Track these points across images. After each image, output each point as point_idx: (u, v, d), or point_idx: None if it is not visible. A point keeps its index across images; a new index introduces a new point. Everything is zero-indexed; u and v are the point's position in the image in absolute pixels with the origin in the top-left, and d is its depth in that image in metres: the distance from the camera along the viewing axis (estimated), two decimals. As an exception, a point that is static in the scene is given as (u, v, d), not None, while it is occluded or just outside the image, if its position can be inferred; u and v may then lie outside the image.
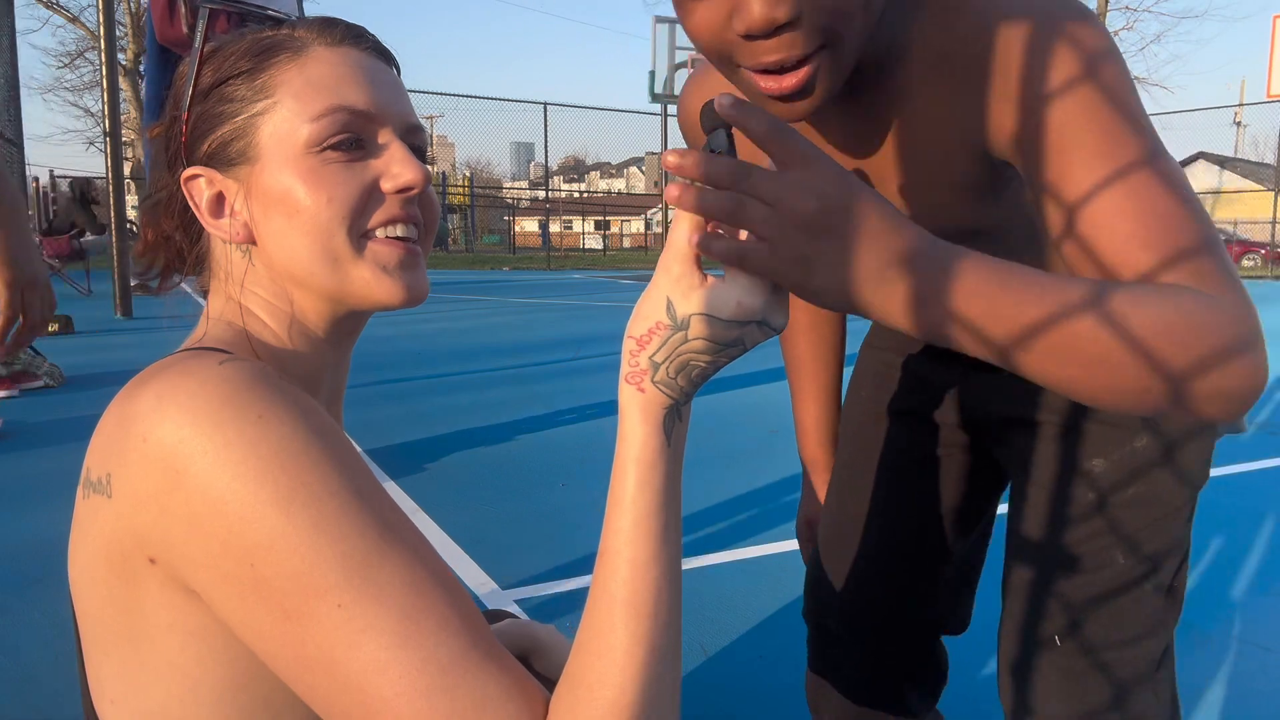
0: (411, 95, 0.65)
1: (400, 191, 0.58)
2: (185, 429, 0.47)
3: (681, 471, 0.52)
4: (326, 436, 0.50)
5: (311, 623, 0.46)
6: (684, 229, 0.49)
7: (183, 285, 0.67)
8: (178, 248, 0.63)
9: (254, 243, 0.59)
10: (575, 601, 1.82)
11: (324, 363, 0.63)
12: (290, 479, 0.47)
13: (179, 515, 0.47)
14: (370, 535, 0.47)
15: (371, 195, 0.58)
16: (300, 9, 2.57)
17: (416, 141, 0.62)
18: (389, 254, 0.58)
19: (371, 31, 0.63)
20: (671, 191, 0.48)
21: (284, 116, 0.57)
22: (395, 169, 0.58)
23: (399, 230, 0.59)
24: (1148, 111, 0.57)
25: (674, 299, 0.48)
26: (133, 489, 0.48)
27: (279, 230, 0.57)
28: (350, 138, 0.57)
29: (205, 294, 0.64)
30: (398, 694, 0.45)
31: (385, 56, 0.63)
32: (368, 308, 0.60)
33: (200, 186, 0.59)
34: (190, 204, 0.59)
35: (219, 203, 0.59)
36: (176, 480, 0.46)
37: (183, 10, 2.18)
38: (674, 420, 0.51)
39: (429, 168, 0.63)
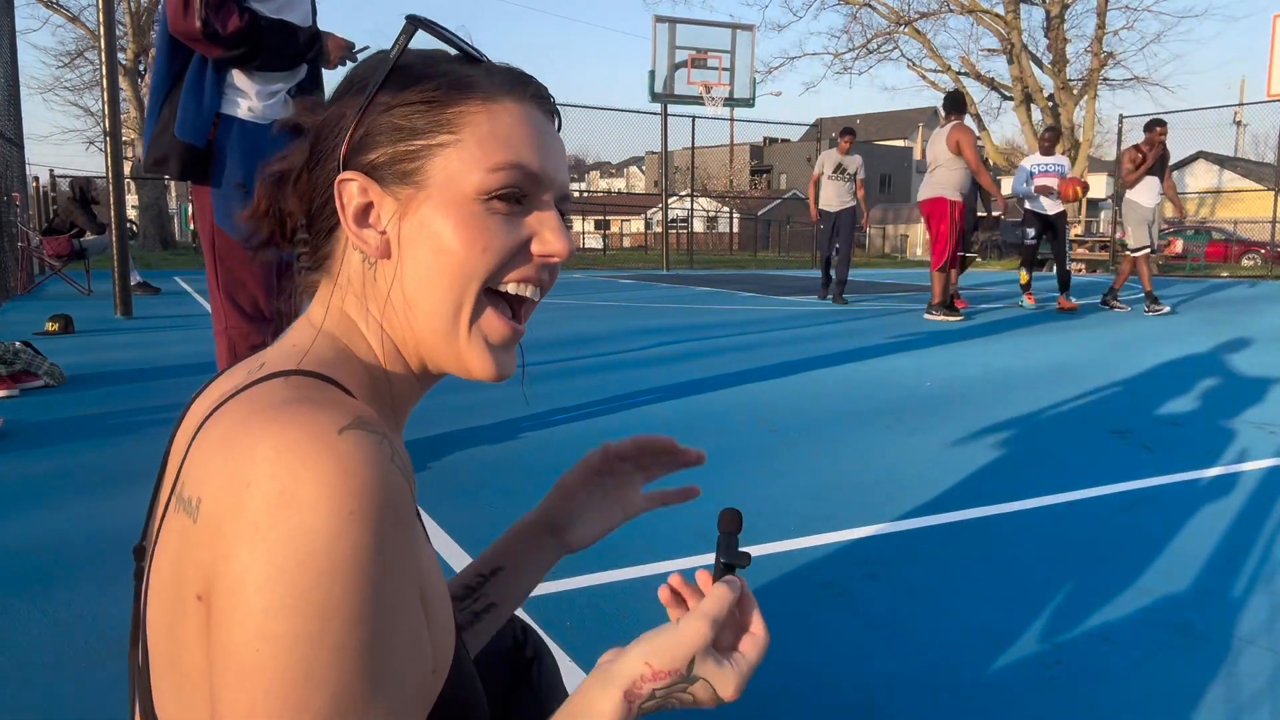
0: None
1: (545, 256, 0.60)
2: (286, 496, 0.46)
3: None
4: (399, 547, 0.49)
5: None
6: (724, 607, 0.60)
7: (183, 284, 0.67)
8: (290, 228, 0.63)
9: (386, 258, 0.59)
10: (575, 601, 1.82)
11: (413, 393, 0.64)
12: (343, 594, 0.46)
13: (235, 568, 0.46)
14: (369, 683, 0.47)
15: (520, 252, 0.60)
16: (314, 13, 2.56)
17: (566, 209, 0.63)
18: (498, 330, 0.60)
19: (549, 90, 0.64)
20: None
21: (462, 157, 0.57)
22: (549, 235, 0.60)
23: (527, 291, 0.61)
24: (1148, 112, 0.57)
25: (698, 660, 0.57)
26: (217, 523, 0.47)
27: (421, 261, 0.58)
28: (517, 196, 0.59)
29: (310, 295, 0.64)
30: None
31: (556, 118, 0.64)
32: (455, 372, 0.61)
33: (352, 191, 0.58)
34: (337, 204, 0.59)
35: (365, 212, 0.59)
36: (252, 538, 0.46)
37: (197, 4, 2.19)
38: None
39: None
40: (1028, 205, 8.76)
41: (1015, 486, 2.69)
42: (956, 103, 7.97)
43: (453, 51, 0.62)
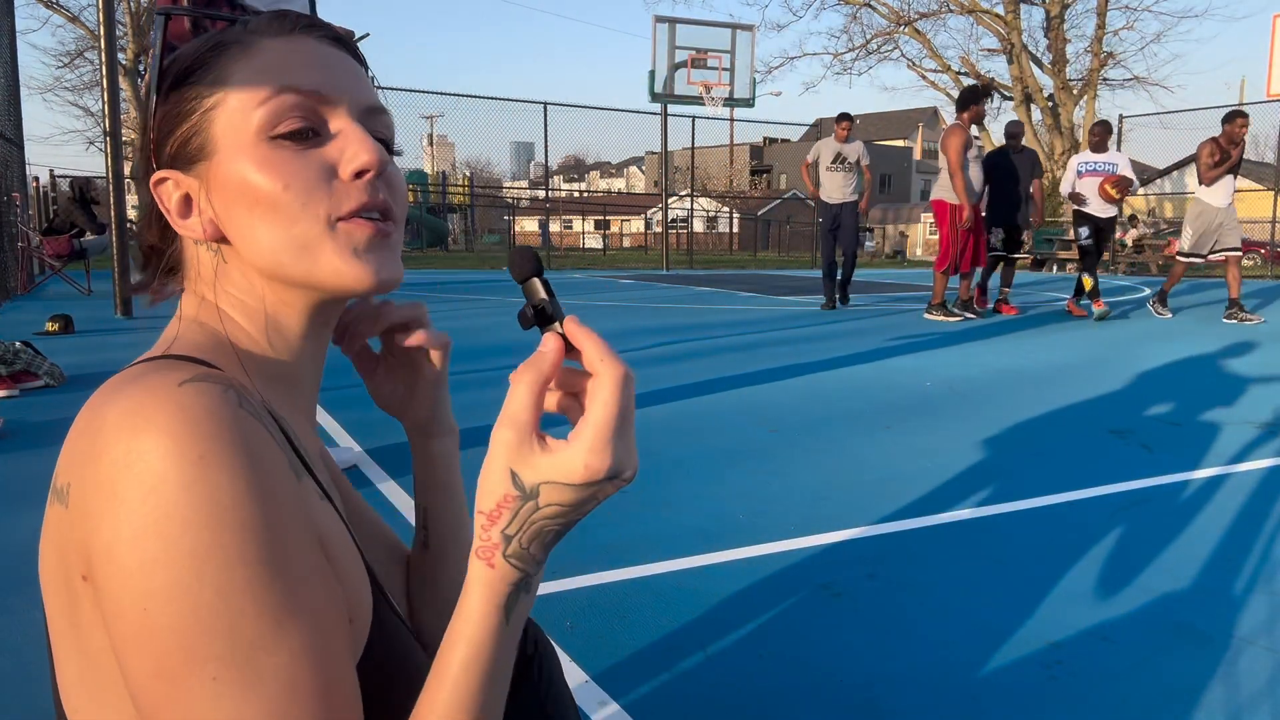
0: (411, 95, 0.65)
1: (359, 175, 0.57)
2: (133, 455, 0.46)
3: (516, 647, 0.51)
4: (269, 485, 0.48)
5: (180, 686, 0.45)
6: (521, 395, 0.49)
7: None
8: (162, 255, 0.62)
9: (224, 240, 0.58)
10: (575, 601, 1.82)
11: (303, 357, 0.62)
12: (211, 536, 0.46)
13: (105, 537, 0.46)
14: (268, 618, 0.46)
15: (330, 181, 0.56)
16: (313, 8, 2.55)
17: (378, 127, 0.60)
18: (359, 233, 0.57)
19: (326, 21, 0.62)
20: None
21: (234, 107, 0.56)
22: (350, 151, 0.57)
23: (368, 219, 0.57)
24: (1148, 112, 0.56)
25: (518, 469, 0.47)
26: (84, 502, 0.47)
27: (242, 222, 0.56)
28: (303, 127, 0.56)
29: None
30: None
31: (343, 45, 0.61)
32: (338, 294, 0.59)
33: (168, 189, 0.58)
34: (160, 208, 0.59)
35: (186, 204, 0.58)
36: (112, 503, 0.46)
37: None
38: (519, 595, 0.50)
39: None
40: (1075, 206, 8.17)
41: (1015, 486, 2.69)
42: (963, 99, 7.71)
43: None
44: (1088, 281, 7.99)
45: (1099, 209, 7.95)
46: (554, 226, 36.05)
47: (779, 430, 3.40)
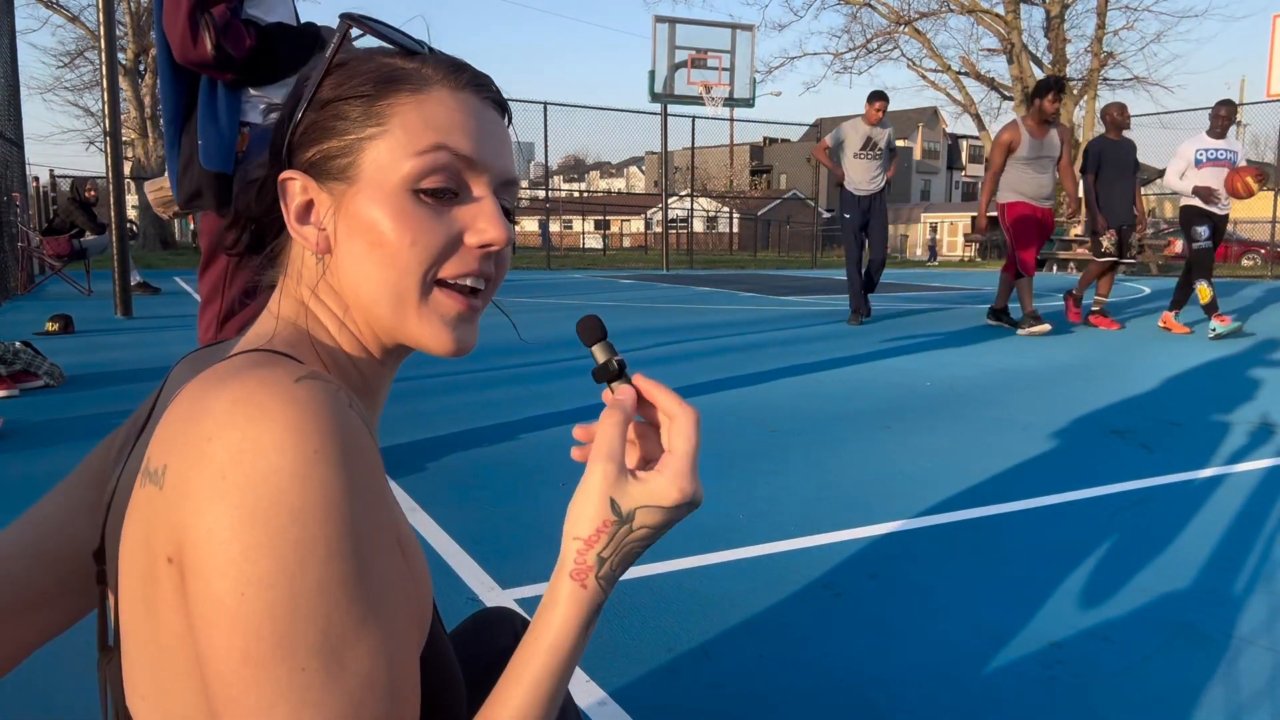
0: None
1: (482, 247, 0.59)
2: (247, 442, 0.47)
3: (580, 659, 0.56)
4: (368, 486, 0.50)
5: (268, 672, 0.46)
6: (612, 433, 0.56)
7: (183, 284, 0.67)
8: (259, 232, 0.65)
9: (328, 253, 0.60)
10: (575, 601, 1.82)
11: (381, 376, 0.65)
12: (317, 529, 0.47)
13: (206, 521, 0.47)
14: (356, 614, 0.48)
15: (454, 246, 0.59)
16: (295, 14, 2.54)
17: (507, 198, 0.63)
18: (451, 306, 0.60)
19: (494, 80, 0.64)
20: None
21: (390, 147, 0.58)
22: (482, 224, 0.59)
23: (469, 282, 0.60)
24: (1148, 112, 0.55)
25: (617, 497, 0.54)
26: (184, 484, 0.48)
27: (357, 255, 0.58)
28: (446, 188, 0.58)
29: (270, 288, 0.65)
30: None
31: (502, 108, 0.64)
32: (416, 347, 0.62)
33: (294, 189, 0.60)
34: (280, 203, 0.60)
35: (307, 209, 0.60)
36: (220, 487, 0.47)
37: (207, 31, 2.14)
38: (596, 616, 0.55)
39: (513, 226, 0.64)
40: (1199, 202, 6.75)
41: (1015, 486, 2.69)
42: (1035, 92, 6.82)
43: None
44: (1205, 292, 6.64)
45: (1219, 205, 6.75)
46: (554, 226, 36.04)
47: (779, 430, 3.41)
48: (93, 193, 9.63)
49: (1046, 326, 6.68)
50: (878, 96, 7.20)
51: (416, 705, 0.51)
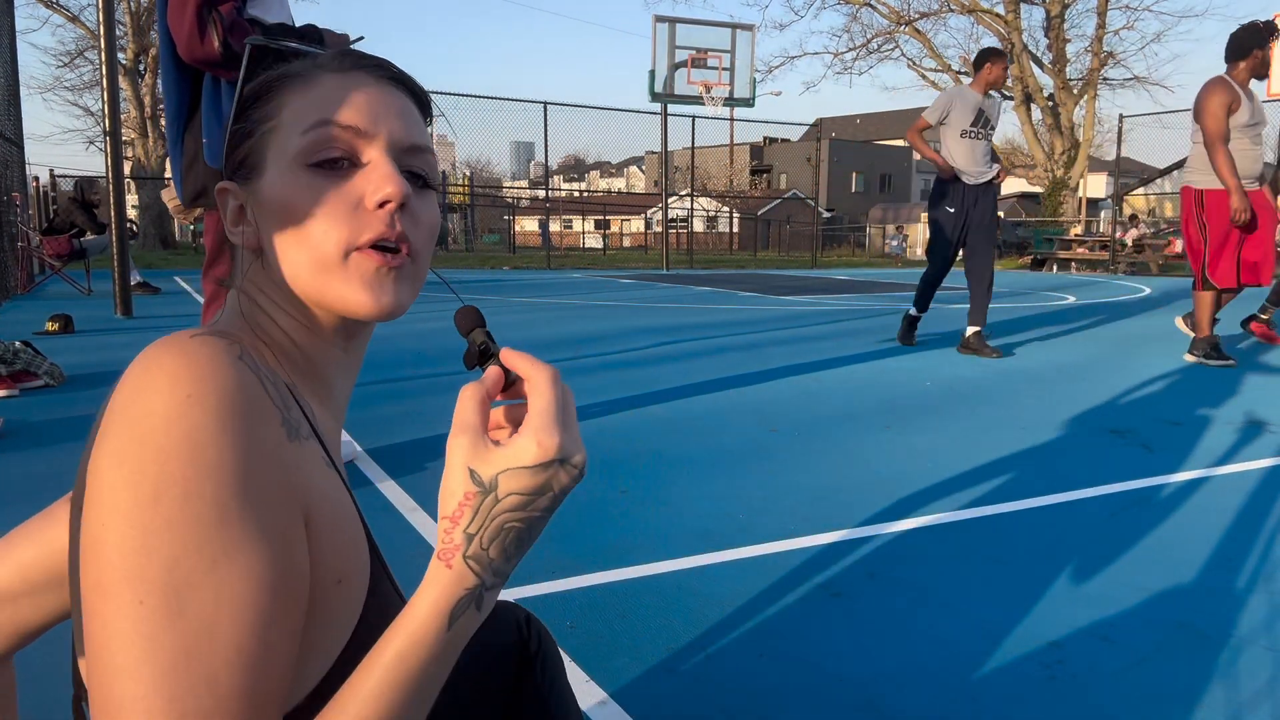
0: None
1: (380, 205, 0.60)
2: (135, 391, 0.51)
3: (450, 663, 0.52)
4: (249, 437, 0.51)
5: (110, 602, 0.47)
6: (468, 404, 0.54)
7: (183, 284, 0.69)
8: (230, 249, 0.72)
9: (259, 248, 0.64)
10: (576, 600, 1.82)
11: (331, 362, 0.67)
12: (177, 468, 0.48)
13: (95, 463, 0.51)
14: (207, 556, 0.48)
15: (356, 211, 0.61)
16: (291, 19, 2.55)
17: (415, 163, 0.64)
18: (369, 264, 0.61)
19: (393, 64, 0.66)
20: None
21: (282, 134, 0.62)
22: (375, 181, 0.61)
23: (380, 245, 0.61)
24: (1148, 111, 0.51)
25: (475, 466, 0.51)
26: (96, 438, 0.52)
27: (277, 240, 0.62)
28: (338, 157, 0.61)
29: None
30: (131, 709, 0.46)
31: (405, 86, 0.66)
32: (346, 316, 0.63)
33: (226, 198, 0.66)
34: (220, 213, 0.67)
35: (240, 213, 0.65)
36: (106, 429, 0.51)
37: (214, 29, 2.14)
38: (468, 606, 0.51)
39: (434, 189, 0.66)
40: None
41: (1015, 486, 2.69)
42: (1238, 44, 4.94)
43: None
44: None
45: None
46: (554, 226, 36.04)
47: (779, 430, 3.41)
48: (98, 195, 9.63)
49: (1232, 361, 5.13)
50: (997, 56, 5.37)
51: (281, 670, 0.50)
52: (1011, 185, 47.61)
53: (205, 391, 0.50)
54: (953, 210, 5.49)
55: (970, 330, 5.55)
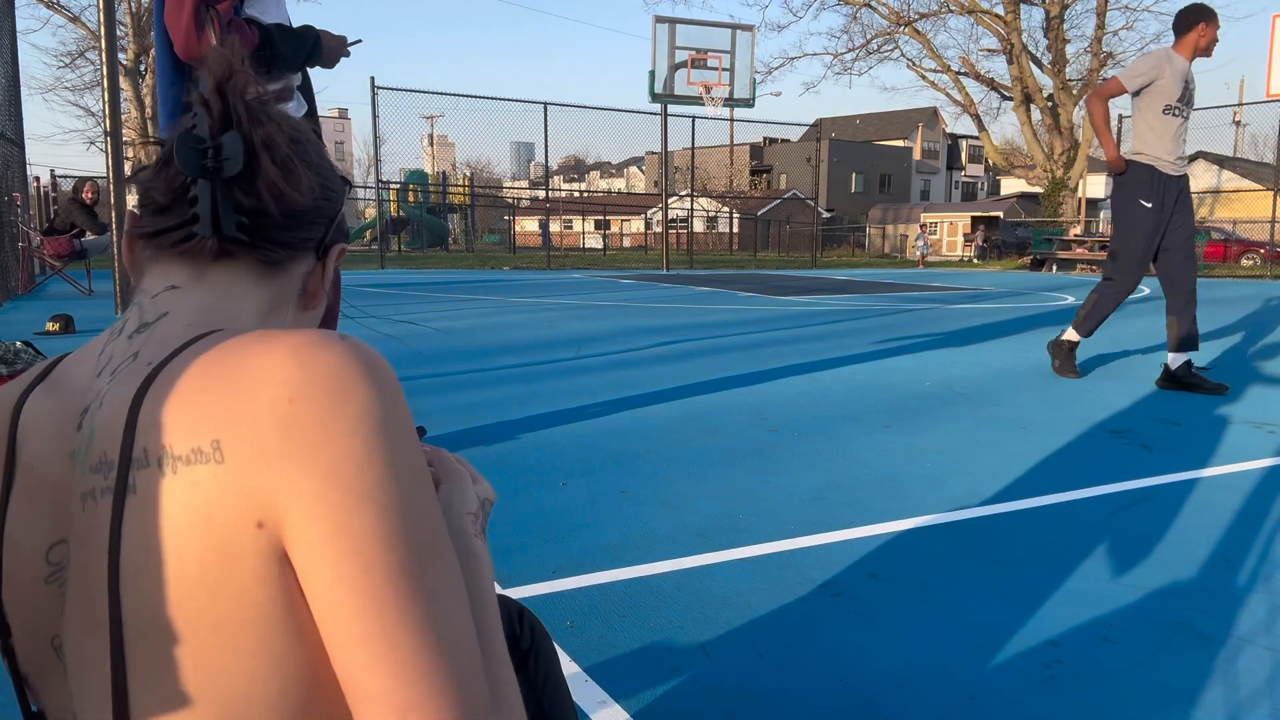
0: (412, 95, 0.69)
1: None
2: (336, 391, 0.51)
3: None
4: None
5: (423, 577, 0.51)
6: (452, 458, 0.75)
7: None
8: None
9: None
10: (575, 600, 1.82)
11: None
12: (416, 459, 0.53)
13: (322, 470, 0.50)
14: (440, 530, 0.55)
15: None
16: (288, 19, 2.55)
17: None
18: None
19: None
20: None
21: None
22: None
23: None
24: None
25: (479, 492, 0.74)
26: (259, 448, 0.49)
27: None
28: None
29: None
30: (442, 684, 0.50)
31: None
32: None
33: (331, 262, 0.72)
34: (324, 272, 0.72)
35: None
36: (322, 436, 0.50)
37: (212, 28, 2.14)
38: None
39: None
40: None
41: (1015, 485, 2.69)
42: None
43: None
44: None
45: None
46: (554, 226, 36.03)
47: (779, 430, 3.41)
48: (90, 194, 9.58)
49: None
50: (1211, 16, 4.27)
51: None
52: (1011, 186, 47.60)
53: (398, 392, 0.55)
54: (1151, 206, 4.31)
55: (1176, 360, 4.35)
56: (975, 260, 28.33)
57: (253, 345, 0.53)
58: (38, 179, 14.92)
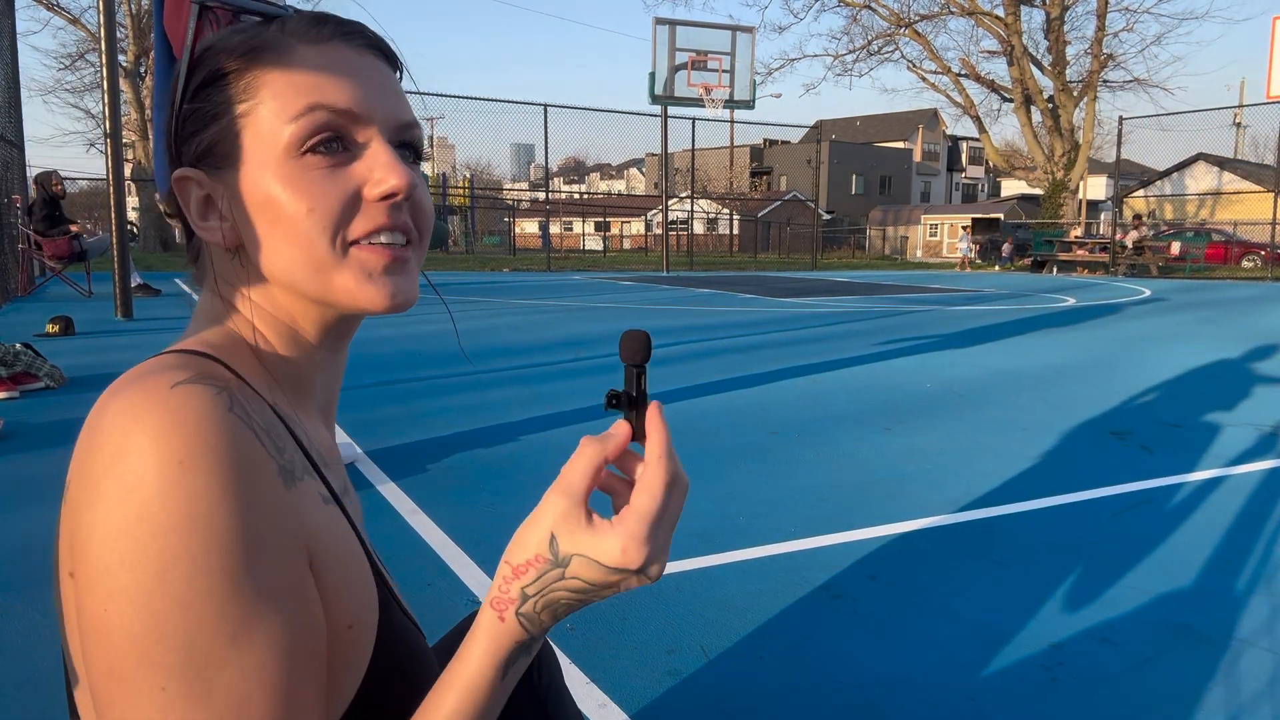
0: (412, 97, 0.64)
1: (384, 199, 0.56)
2: (119, 454, 0.46)
3: (505, 700, 0.52)
4: (249, 494, 0.48)
5: (129, 689, 0.45)
6: (582, 467, 0.50)
7: (183, 286, 0.67)
8: (189, 234, 0.62)
9: (236, 245, 0.57)
10: (575, 602, 1.82)
11: (315, 365, 0.62)
12: (180, 542, 0.45)
13: (84, 534, 0.46)
14: (225, 632, 0.46)
15: (355, 203, 0.56)
16: None
17: (408, 139, 0.59)
18: (374, 260, 0.56)
19: (368, 26, 0.60)
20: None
21: (265, 118, 0.55)
22: (378, 174, 0.55)
23: (383, 239, 0.56)
24: (1148, 114, 0.48)
25: (559, 535, 0.49)
26: (77, 497, 0.48)
27: (263, 238, 0.56)
28: (331, 138, 0.55)
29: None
30: None
31: (382, 51, 0.60)
32: (352, 313, 0.59)
33: (190, 188, 0.58)
34: (181, 204, 0.58)
35: (207, 205, 0.57)
36: (94, 500, 0.46)
37: (212, 31, 2.15)
38: (519, 655, 0.51)
39: (423, 167, 0.61)
40: None
41: (1015, 487, 2.69)
42: None
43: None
44: None
45: None
46: (554, 228, 36.07)
47: (779, 431, 3.40)
48: (58, 186, 9.41)
49: None
50: None
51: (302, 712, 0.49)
52: (1011, 187, 47.62)
53: (198, 455, 0.46)
54: None
55: None
56: (980, 262, 28.30)
57: (120, 382, 0.50)
58: (38, 181, 14.90)
